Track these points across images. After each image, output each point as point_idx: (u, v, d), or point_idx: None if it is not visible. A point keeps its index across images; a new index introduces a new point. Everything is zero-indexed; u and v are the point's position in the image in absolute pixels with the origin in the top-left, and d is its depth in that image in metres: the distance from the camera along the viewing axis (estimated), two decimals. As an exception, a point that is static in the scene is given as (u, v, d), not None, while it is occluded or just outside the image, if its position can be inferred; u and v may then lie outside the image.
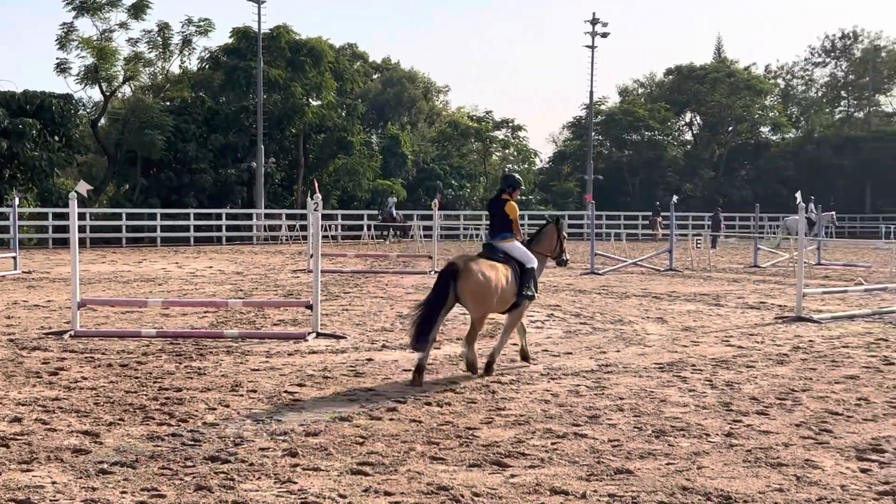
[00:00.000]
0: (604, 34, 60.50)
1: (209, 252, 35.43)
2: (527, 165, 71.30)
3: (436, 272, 24.65)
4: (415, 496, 6.03)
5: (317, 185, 19.96)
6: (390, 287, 20.99)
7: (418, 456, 6.94)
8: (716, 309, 17.38)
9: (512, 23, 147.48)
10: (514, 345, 12.29)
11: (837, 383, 10.04)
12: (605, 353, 11.97)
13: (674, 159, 69.68)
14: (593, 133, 64.90)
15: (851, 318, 16.18)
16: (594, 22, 60.06)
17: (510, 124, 69.04)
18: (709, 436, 7.67)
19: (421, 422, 8.01)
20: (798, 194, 17.32)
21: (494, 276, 9.89)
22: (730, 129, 72.81)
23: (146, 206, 43.70)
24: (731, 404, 8.88)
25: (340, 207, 51.38)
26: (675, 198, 29.99)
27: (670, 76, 73.81)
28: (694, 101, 71.22)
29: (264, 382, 9.63)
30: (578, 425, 7.98)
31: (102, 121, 47.72)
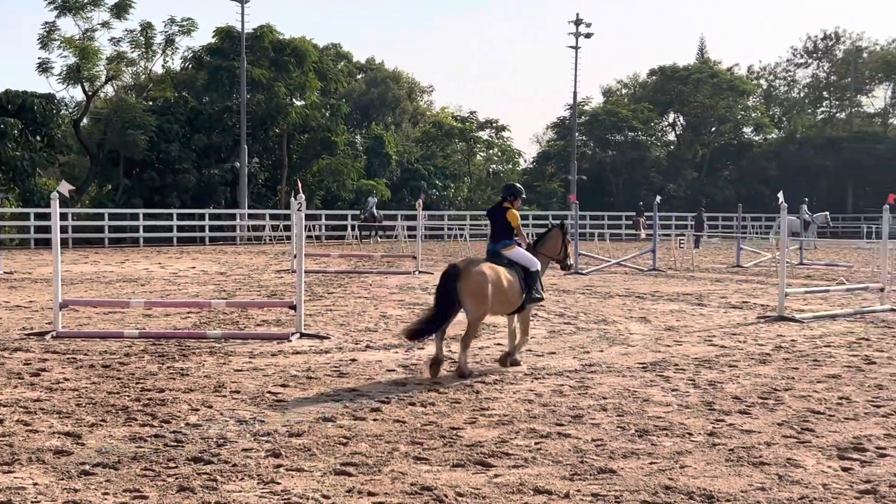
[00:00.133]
0: (587, 35, 60.61)
1: (192, 252, 35.30)
2: (511, 166, 71.48)
3: (420, 272, 24.80)
4: (398, 496, 6.03)
5: (300, 185, 19.93)
6: (374, 287, 20.97)
7: (402, 456, 6.94)
8: (699, 309, 17.45)
9: (496, 23, 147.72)
10: (498, 344, 12.32)
11: (819, 382, 10.09)
12: (588, 352, 12.00)
13: (657, 160, 69.96)
14: (577, 133, 65.04)
15: (833, 317, 16.27)
16: (578, 22, 60.16)
17: (494, 124, 69.23)
18: (691, 435, 7.70)
19: (405, 422, 8.01)
20: (780, 194, 17.39)
21: (495, 277, 10.15)
22: (713, 129, 73.18)
23: (129, 206, 43.47)
24: (713, 404, 8.91)
25: (324, 207, 51.30)
26: (658, 198, 30.06)
27: (654, 77, 74.15)
28: (677, 101, 71.54)
29: (247, 383, 9.60)
30: (562, 425, 7.99)
31: (85, 121, 47.51)
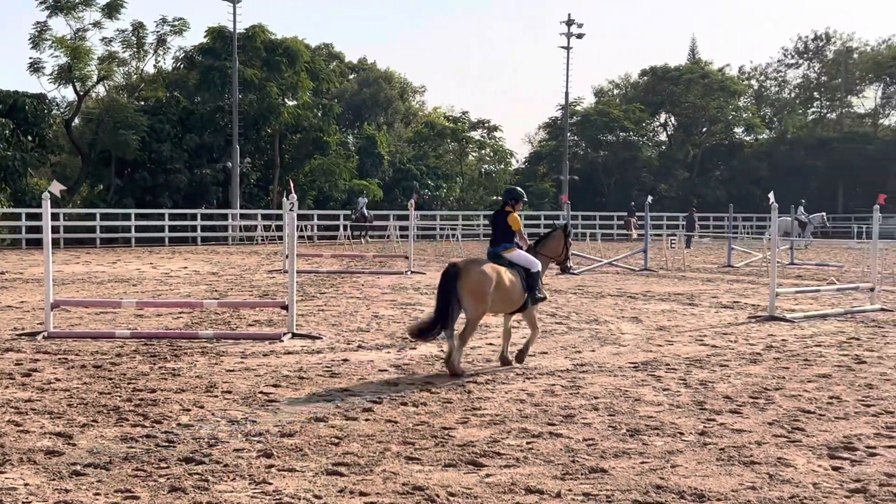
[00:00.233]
0: (579, 35, 60.66)
1: (184, 252, 35.23)
2: (503, 166, 71.54)
3: (412, 272, 24.81)
4: (390, 496, 6.03)
5: (292, 185, 19.90)
6: (366, 287, 20.97)
7: (394, 456, 6.94)
8: (690, 308, 17.49)
9: (488, 24, 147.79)
10: (490, 344, 12.34)
11: (810, 382, 10.13)
12: (580, 352, 12.01)
13: (648, 160, 70.04)
14: (569, 134, 65.12)
15: (824, 317, 16.33)
16: (570, 23, 60.23)
17: (486, 125, 69.22)
18: (683, 434, 7.72)
19: (396, 422, 8.01)
20: (771, 195, 17.43)
21: (496, 276, 10.29)
22: (704, 129, 73.27)
23: (120, 206, 43.39)
24: (704, 403, 8.94)
25: (316, 208, 51.26)
26: (649, 198, 30.14)
27: (645, 77, 74.21)
28: (668, 102, 71.62)
29: (239, 383, 9.60)
30: (553, 425, 8.01)
31: (76, 121, 47.36)
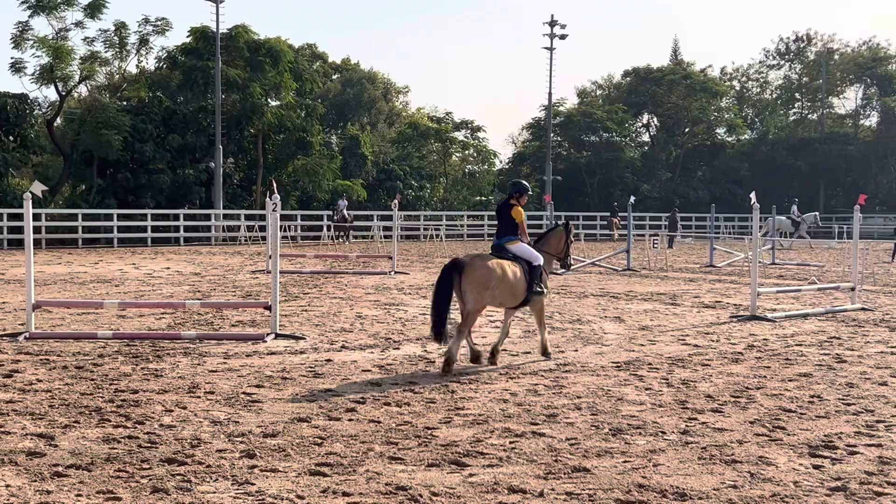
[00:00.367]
0: (562, 36, 60.79)
1: (167, 253, 35.10)
2: (486, 166, 71.60)
3: (395, 273, 24.80)
4: (373, 496, 6.04)
5: (275, 185, 19.87)
6: (350, 288, 20.95)
7: (377, 456, 6.95)
8: (672, 308, 17.56)
9: (471, 24, 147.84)
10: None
11: (791, 381, 10.19)
12: (563, 352, 12.04)
13: (631, 160, 70.22)
14: (552, 134, 65.22)
15: (805, 316, 16.42)
16: (552, 24, 60.32)
17: (470, 125, 69.30)
18: (665, 434, 7.75)
19: (380, 422, 8.01)
20: (753, 195, 17.52)
21: (500, 270, 10.39)
22: (686, 130, 73.53)
23: (102, 206, 43.19)
24: (686, 402, 8.98)
25: (300, 208, 51.17)
26: (632, 198, 30.23)
27: (628, 78, 74.43)
28: (651, 102, 71.83)
29: (222, 384, 9.58)
30: (536, 424, 8.03)
31: (58, 121, 47.14)
